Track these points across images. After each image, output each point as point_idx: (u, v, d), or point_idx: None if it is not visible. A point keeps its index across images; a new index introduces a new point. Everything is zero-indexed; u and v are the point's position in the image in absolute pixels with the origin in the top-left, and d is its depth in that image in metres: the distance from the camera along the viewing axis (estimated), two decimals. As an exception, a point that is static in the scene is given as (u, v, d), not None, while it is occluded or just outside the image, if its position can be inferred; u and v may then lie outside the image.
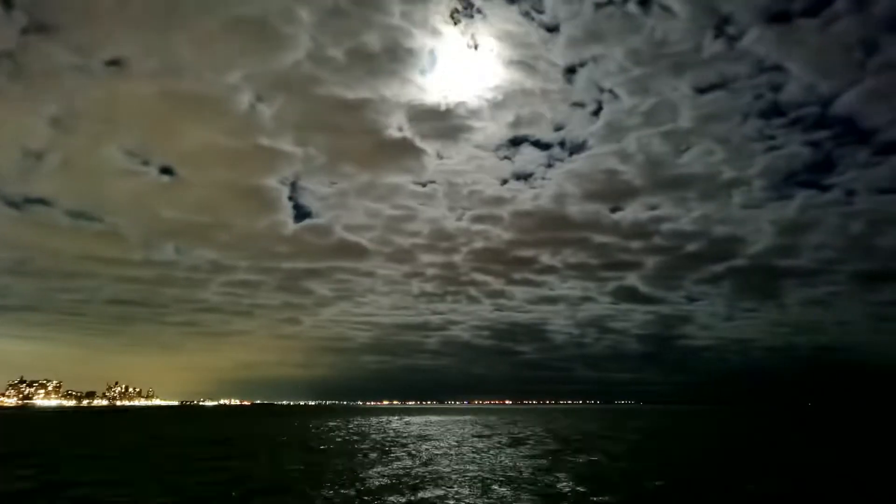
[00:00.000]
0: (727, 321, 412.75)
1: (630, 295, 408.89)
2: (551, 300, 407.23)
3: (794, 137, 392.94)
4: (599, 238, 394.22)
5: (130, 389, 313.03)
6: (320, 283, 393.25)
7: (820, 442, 40.27)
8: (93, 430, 59.48)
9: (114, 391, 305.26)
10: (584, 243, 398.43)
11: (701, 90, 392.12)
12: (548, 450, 33.41)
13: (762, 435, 49.07)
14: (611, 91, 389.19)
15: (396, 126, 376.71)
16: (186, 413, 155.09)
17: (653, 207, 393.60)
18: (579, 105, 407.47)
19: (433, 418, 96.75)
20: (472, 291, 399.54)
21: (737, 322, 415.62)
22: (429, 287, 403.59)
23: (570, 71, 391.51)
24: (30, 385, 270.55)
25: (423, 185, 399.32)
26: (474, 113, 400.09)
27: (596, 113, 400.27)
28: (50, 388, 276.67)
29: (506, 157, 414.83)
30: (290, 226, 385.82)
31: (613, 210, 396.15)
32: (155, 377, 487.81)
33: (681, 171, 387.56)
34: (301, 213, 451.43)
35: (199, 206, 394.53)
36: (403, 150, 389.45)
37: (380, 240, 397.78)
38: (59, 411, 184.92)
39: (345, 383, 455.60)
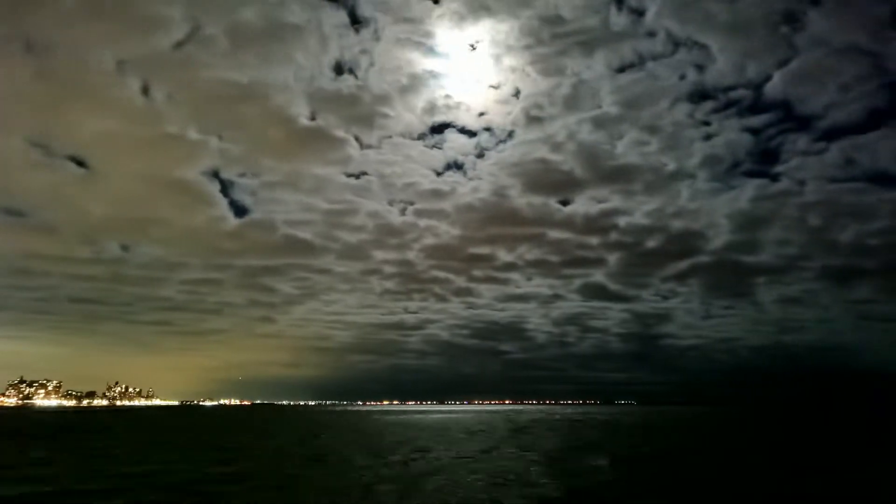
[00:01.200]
0: (706, 319, 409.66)
1: (599, 292, 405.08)
2: (521, 298, 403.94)
3: (729, 123, 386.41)
4: (555, 234, 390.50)
5: (130, 389, 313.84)
6: (280, 280, 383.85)
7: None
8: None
9: (114, 391, 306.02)
10: (540, 239, 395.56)
11: (618, 70, 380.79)
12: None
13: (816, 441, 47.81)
14: (523, 71, 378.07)
15: (306, 114, 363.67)
16: (211, 414, 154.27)
17: (601, 200, 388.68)
18: (494, 88, 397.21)
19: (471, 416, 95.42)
20: (438, 289, 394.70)
21: (716, 320, 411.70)
22: (390, 285, 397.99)
23: (472, 49, 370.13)
24: (30, 385, 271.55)
25: (357, 176, 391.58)
26: (382, 99, 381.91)
27: (516, 96, 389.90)
28: (50, 388, 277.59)
29: (435, 147, 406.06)
30: (231, 221, 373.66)
31: (563, 203, 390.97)
32: (155, 377, 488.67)
33: (619, 161, 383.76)
34: (238, 209, 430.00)
35: (125, 200, 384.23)
36: (321, 139, 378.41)
37: (325, 235, 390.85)
38: (59, 411, 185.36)
39: (343, 384, 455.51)
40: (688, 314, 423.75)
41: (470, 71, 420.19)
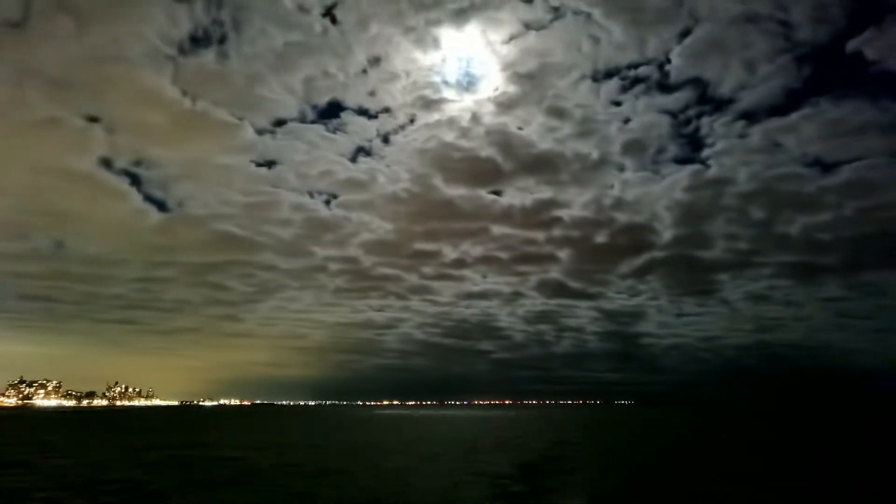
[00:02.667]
0: (680, 318, 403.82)
1: (560, 290, 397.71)
2: (482, 296, 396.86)
3: (641, 104, 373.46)
4: (498, 229, 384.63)
5: (130, 389, 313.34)
6: (228, 277, 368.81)
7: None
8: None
9: (113, 391, 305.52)
10: (483, 234, 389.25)
11: (503, 41, 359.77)
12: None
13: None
14: (398, 44, 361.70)
15: (174, 94, 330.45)
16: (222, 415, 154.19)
17: (531, 191, 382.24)
18: (375, 63, 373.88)
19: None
20: (393, 287, 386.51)
21: (691, 318, 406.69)
22: (340, 283, 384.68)
23: (327, 16, 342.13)
24: (30, 385, 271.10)
25: (268, 165, 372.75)
26: (255, 78, 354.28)
27: (406, 74, 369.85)
28: (50, 388, 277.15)
29: (338, 131, 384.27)
30: (154, 216, 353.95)
31: (496, 194, 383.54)
32: (154, 377, 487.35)
33: (537, 149, 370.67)
34: (157, 203, 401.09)
35: (22, 191, 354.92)
36: (207, 123, 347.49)
37: (254, 230, 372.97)
38: (59, 411, 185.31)
39: (342, 384, 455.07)
40: (660, 312, 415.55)
41: (343, 44, 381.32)
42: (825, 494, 18.64)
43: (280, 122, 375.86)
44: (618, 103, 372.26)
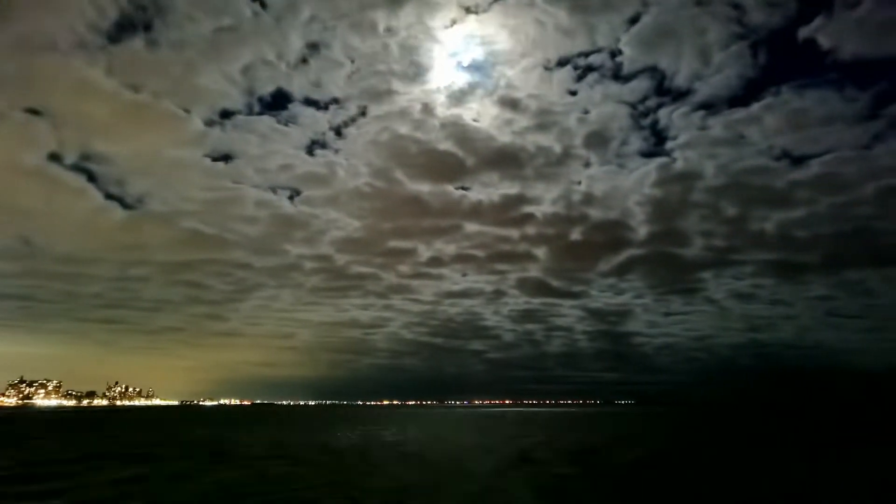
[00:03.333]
0: (668, 316, 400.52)
1: (541, 288, 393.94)
2: (463, 294, 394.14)
3: (597, 94, 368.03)
4: (470, 227, 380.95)
5: (130, 389, 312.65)
6: (203, 276, 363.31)
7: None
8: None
9: (114, 391, 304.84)
10: (456, 232, 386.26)
11: (444, 26, 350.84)
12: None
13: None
14: (325, 27, 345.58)
15: (112, 85, 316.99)
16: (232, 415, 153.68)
17: (496, 186, 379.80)
18: (314, 49, 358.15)
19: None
20: (372, 286, 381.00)
21: (679, 317, 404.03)
22: (317, 281, 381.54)
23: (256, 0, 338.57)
24: (30, 385, 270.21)
25: (224, 160, 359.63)
26: (193, 67, 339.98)
27: (351, 60, 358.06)
28: (50, 388, 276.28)
29: (289, 122, 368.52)
30: (118, 213, 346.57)
31: (461, 189, 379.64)
32: (155, 377, 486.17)
33: (498, 142, 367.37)
34: (114, 199, 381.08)
35: None
36: (152, 115, 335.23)
37: (221, 227, 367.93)
38: (60, 411, 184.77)
39: (341, 383, 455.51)
40: (647, 311, 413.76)
41: (277, 30, 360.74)
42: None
43: (227, 114, 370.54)
44: (573, 93, 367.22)
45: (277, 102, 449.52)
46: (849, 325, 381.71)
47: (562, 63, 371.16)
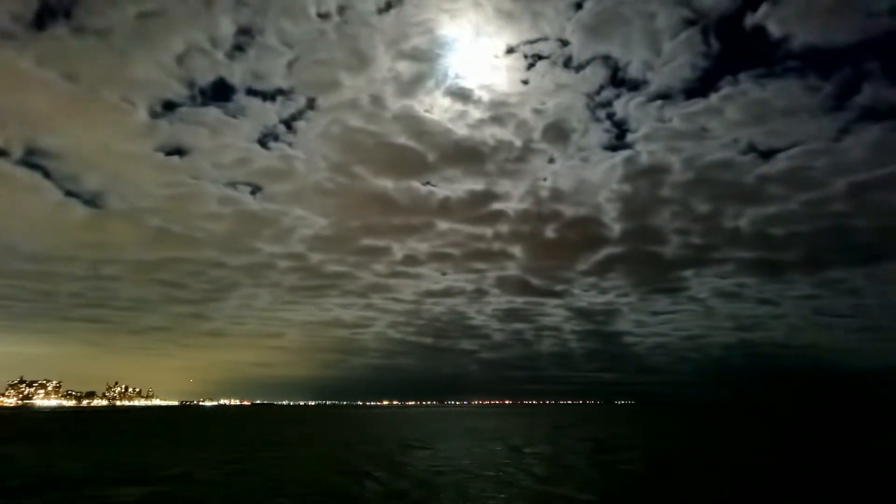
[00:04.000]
0: (656, 316, 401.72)
1: (522, 287, 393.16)
2: (445, 293, 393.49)
3: (548, 84, 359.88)
4: (443, 224, 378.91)
5: (130, 389, 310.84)
6: (178, 275, 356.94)
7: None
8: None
9: (113, 391, 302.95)
10: (428, 231, 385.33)
11: (377, 10, 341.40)
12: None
13: None
14: (254, 9, 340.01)
15: (48, 75, 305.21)
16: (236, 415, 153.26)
17: (459, 182, 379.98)
18: (246, 34, 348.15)
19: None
20: (350, 286, 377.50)
21: (667, 316, 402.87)
22: (293, 280, 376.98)
23: None
24: (29, 385, 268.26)
25: (177, 154, 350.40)
26: (125, 55, 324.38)
27: (288, 46, 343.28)
28: (50, 388, 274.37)
29: (237, 115, 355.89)
30: (80, 211, 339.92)
31: (426, 184, 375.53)
32: (154, 377, 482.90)
33: (454, 136, 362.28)
34: (74, 196, 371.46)
35: None
36: (93, 107, 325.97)
37: (186, 224, 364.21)
38: (59, 411, 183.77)
39: (340, 383, 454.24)
40: (633, 311, 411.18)
41: (207, 15, 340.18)
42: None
43: (171, 106, 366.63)
44: (525, 82, 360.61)
45: (220, 93, 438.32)
46: (840, 325, 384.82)
47: (510, 51, 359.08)
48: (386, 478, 22.13)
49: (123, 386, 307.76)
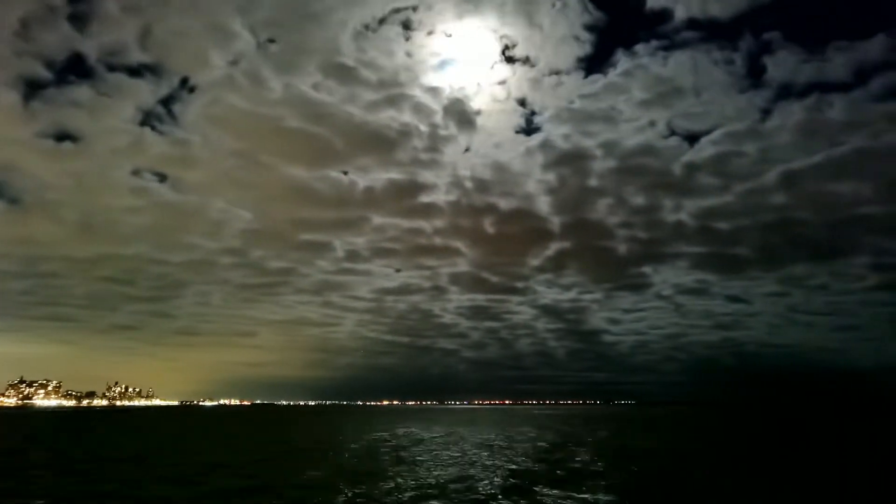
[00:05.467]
0: (629, 313, 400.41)
1: (480, 284, 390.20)
2: (402, 291, 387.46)
3: (430, 57, 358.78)
4: (377, 218, 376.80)
5: (130, 389, 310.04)
6: (120, 272, 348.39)
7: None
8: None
9: (113, 391, 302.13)
10: (361, 225, 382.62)
11: None
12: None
13: None
14: None
15: None
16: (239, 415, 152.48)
17: (374, 171, 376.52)
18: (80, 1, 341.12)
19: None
20: (302, 284, 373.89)
21: (640, 314, 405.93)
22: (239, 277, 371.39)
23: None
24: (30, 385, 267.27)
25: (63, 140, 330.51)
26: None
27: (121, 23, 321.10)
28: (50, 388, 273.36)
29: (111, 94, 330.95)
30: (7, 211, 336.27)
31: (345, 174, 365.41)
32: (154, 377, 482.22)
33: (356, 120, 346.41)
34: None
35: None
36: None
37: (105, 218, 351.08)
38: (60, 411, 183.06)
39: (340, 383, 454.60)
40: (602, 308, 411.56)
41: None
42: None
43: (35, 85, 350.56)
44: (408, 54, 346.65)
45: (83, 70, 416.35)
46: (820, 323, 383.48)
47: (382, 21, 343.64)
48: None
49: (123, 386, 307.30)
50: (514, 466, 26.23)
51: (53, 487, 20.15)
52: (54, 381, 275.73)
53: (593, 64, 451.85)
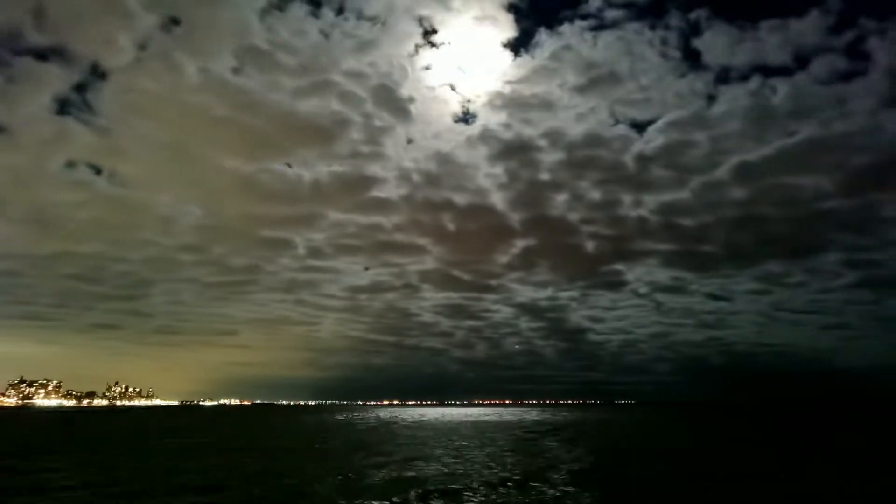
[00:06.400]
0: (610, 311, 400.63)
1: (452, 282, 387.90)
2: (374, 289, 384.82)
3: (343, 39, 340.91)
4: (334, 214, 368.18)
5: (130, 389, 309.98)
6: (84, 270, 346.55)
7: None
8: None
9: (114, 391, 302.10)
10: (318, 221, 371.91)
11: None
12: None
13: None
14: None
15: None
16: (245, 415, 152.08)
17: (311, 164, 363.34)
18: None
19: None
20: (271, 281, 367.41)
21: (623, 311, 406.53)
22: (206, 275, 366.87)
23: None
24: (30, 385, 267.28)
25: None
26: None
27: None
28: (50, 388, 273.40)
29: (19, 81, 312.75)
30: None
31: (289, 167, 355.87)
32: (155, 377, 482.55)
33: (283, 109, 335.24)
34: None
35: None
36: None
37: (49, 214, 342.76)
38: (60, 411, 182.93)
39: (340, 383, 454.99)
40: (581, 306, 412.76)
41: None
42: None
43: None
44: (325, 34, 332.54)
45: None
46: (808, 322, 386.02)
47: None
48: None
49: (123, 386, 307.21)
50: None
51: None
52: (54, 381, 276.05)
53: (518, 46, 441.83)
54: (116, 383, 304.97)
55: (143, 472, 25.08)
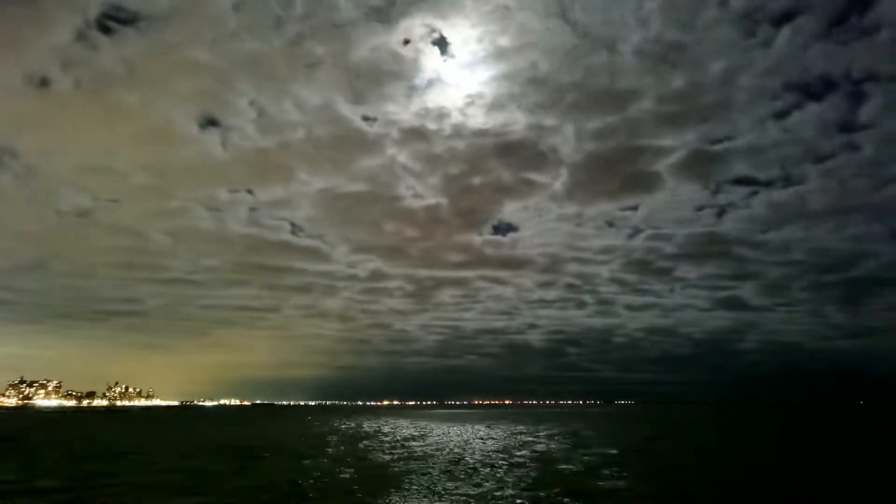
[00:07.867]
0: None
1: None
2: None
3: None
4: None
5: (130, 389, 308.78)
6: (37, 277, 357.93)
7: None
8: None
9: (114, 391, 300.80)
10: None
11: None
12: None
13: None
14: None
15: None
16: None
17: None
18: None
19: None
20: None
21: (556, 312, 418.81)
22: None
23: None
24: (30, 385, 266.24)
25: None
26: None
27: None
28: (50, 388, 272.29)
29: None
30: None
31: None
32: (155, 377, 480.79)
33: None
34: None
35: None
36: None
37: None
38: (60, 411, 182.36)
39: (340, 383, 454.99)
40: (531, 308, 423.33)
41: None
42: None
43: None
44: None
45: None
46: (801, 322, 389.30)
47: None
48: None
49: (124, 386, 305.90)
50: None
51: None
52: (54, 381, 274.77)
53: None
54: (116, 383, 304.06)
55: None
